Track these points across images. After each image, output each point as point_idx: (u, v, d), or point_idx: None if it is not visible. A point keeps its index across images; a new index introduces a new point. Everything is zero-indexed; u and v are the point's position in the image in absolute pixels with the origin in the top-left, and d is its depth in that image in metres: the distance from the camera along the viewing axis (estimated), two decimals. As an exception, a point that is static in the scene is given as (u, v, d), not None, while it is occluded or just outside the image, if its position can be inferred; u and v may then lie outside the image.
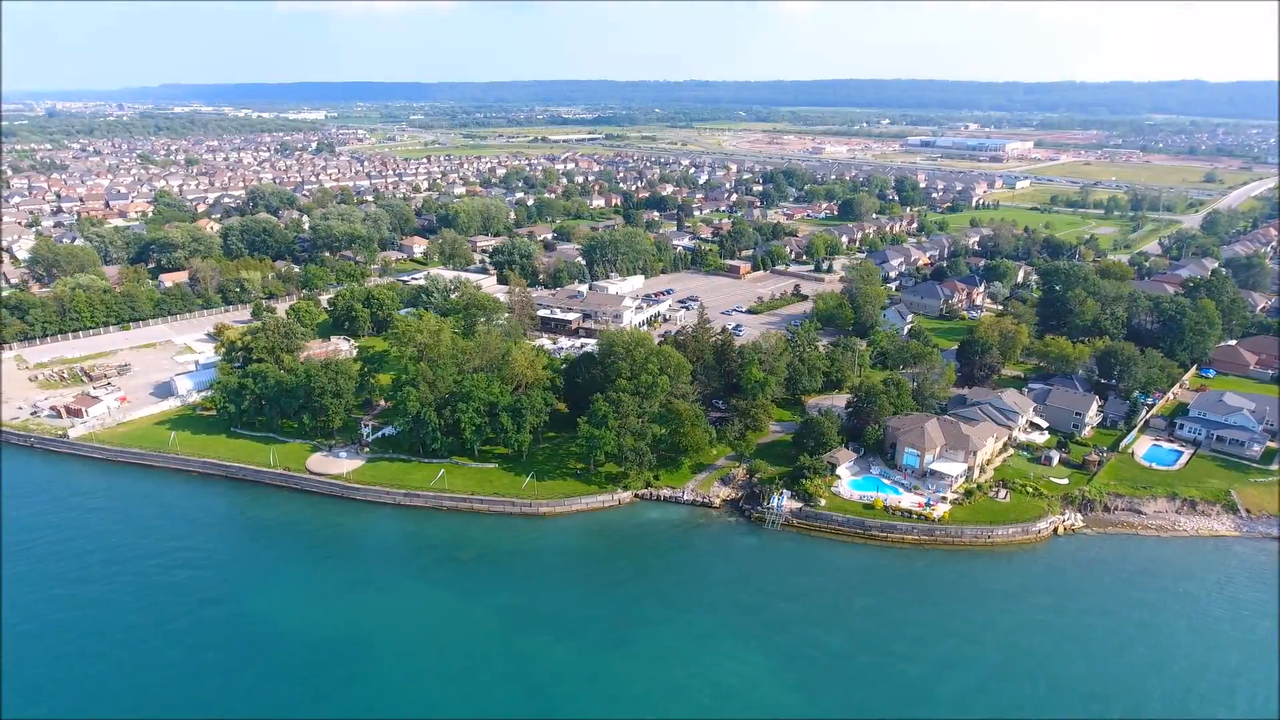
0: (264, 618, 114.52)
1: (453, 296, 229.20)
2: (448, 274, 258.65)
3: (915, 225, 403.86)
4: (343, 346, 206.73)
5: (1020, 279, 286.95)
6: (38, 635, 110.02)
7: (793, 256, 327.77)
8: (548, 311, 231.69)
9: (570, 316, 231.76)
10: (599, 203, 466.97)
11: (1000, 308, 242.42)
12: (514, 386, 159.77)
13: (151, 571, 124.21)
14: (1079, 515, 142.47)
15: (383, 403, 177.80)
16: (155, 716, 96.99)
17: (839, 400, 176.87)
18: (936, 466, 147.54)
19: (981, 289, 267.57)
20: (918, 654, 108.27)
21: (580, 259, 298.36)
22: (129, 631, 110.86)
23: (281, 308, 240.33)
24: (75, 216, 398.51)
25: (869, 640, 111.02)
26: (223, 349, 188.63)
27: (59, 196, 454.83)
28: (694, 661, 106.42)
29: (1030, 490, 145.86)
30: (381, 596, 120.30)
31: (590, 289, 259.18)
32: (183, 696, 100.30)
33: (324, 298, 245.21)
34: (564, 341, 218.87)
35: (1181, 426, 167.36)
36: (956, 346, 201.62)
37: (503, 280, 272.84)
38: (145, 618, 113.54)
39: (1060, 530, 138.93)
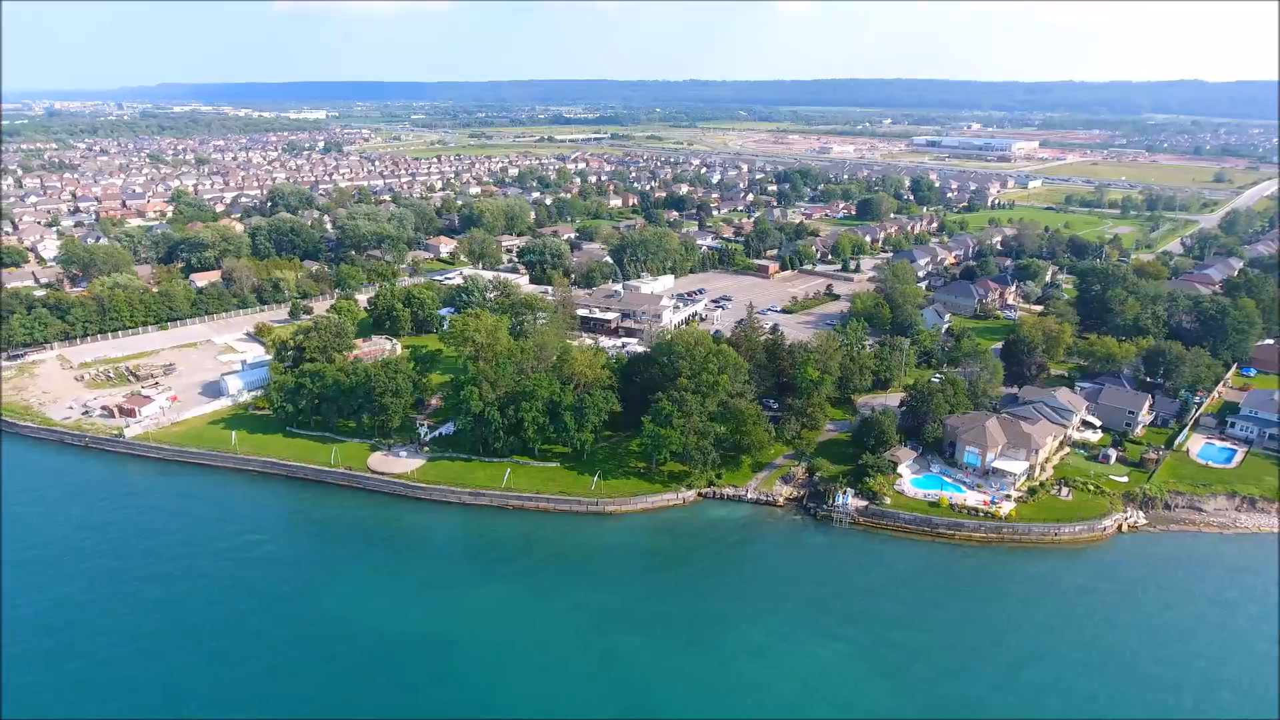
0: (347, 616, 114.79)
1: (490, 296, 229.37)
2: (486, 274, 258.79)
3: (936, 225, 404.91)
4: (385, 346, 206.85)
5: (1048, 278, 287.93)
6: (113, 634, 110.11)
7: (818, 256, 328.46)
8: (586, 311, 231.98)
9: (609, 316, 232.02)
10: (616, 202, 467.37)
11: (1040, 308, 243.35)
12: (573, 386, 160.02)
13: (226, 571, 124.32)
14: (1141, 513, 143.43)
15: (434, 402, 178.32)
16: (244, 717, 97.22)
17: (886, 399, 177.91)
18: (998, 465, 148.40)
19: (1013, 288, 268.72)
20: (1003, 648, 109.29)
21: (608, 258, 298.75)
22: (210, 631, 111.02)
23: (318, 307, 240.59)
24: (94, 216, 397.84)
25: (953, 635, 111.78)
26: (273, 348, 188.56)
27: (75, 196, 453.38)
28: (781, 657, 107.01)
29: (1092, 488, 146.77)
30: (461, 594, 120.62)
31: (624, 289, 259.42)
32: (269, 695, 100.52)
33: (360, 297, 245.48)
34: (605, 341, 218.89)
35: (1233, 425, 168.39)
36: (995, 346, 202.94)
37: (535, 280, 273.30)
38: (225, 617, 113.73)
39: (1124, 528, 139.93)
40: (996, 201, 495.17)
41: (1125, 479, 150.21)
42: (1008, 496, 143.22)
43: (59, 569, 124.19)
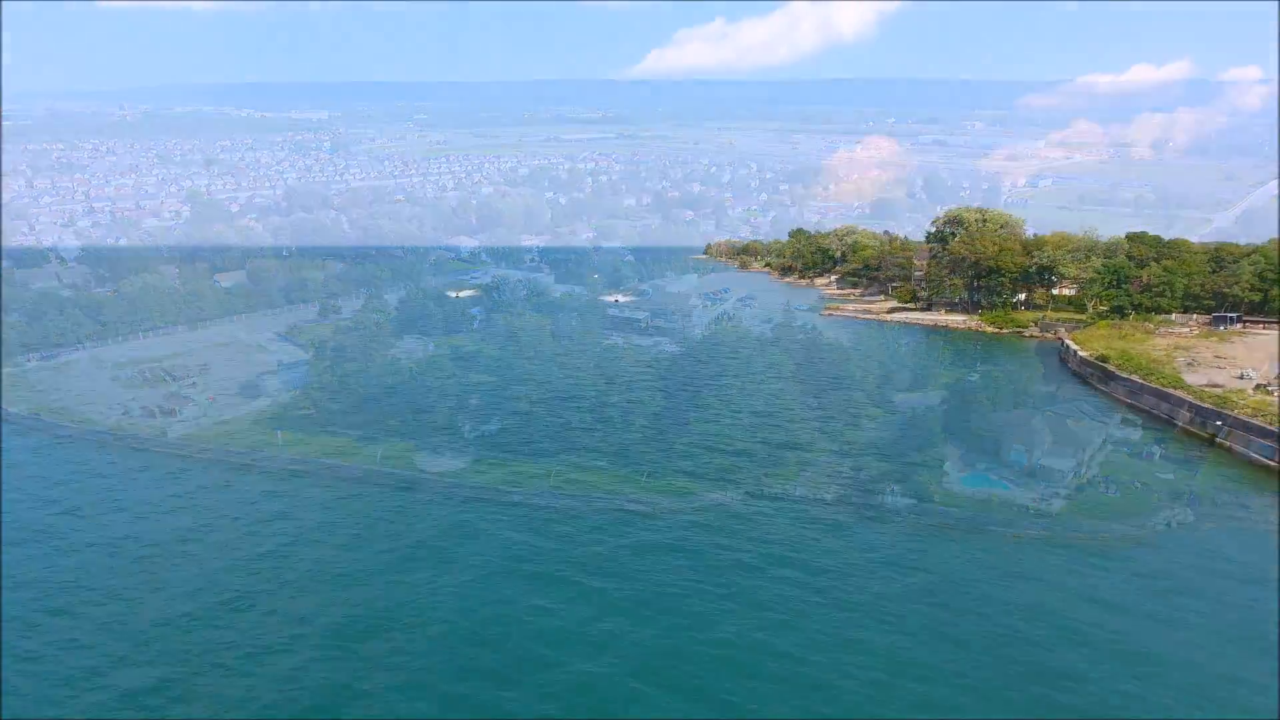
0: (407, 614, 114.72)
1: (522, 295, 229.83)
2: (514, 273, 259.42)
3: (953, 223, 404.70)
4: (420, 345, 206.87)
5: (1072, 275, 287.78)
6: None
7: (839, 255, 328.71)
8: (617, 311, 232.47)
9: (639, 315, 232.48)
10: (630, 201, 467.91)
11: (1071, 305, 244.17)
12: (618, 384, 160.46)
13: (292, 568, 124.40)
14: (1189, 510, 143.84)
15: (473, 401, 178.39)
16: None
17: (925, 396, 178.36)
18: (1045, 462, 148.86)
19: (1040, 286, 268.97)
20: (1067, 642, 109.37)
21: (630, 257, 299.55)
22: (279, 627, 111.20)
23: (347, 307, 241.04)
24: (110, 216, 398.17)
25: (1022, 631, 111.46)
26: (312, 348, 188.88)
27: (88, 196, 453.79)
28: (849, 653, 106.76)
29: (1138, 485, 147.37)
30: (518, 590, 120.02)
31: (650, 287, 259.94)
32: (336, 689, 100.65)
33: (388, 297, 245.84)
34: (636, 339, 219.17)
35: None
36: (1030, 343, 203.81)
37: (561, 279, 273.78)
38: (303, 616, 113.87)
39: (1173, 524, 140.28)
40: (1009, 199, 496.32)
41: (1171, 476, 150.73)
42: (1057, 494, 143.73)
43: (137, 562, 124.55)
